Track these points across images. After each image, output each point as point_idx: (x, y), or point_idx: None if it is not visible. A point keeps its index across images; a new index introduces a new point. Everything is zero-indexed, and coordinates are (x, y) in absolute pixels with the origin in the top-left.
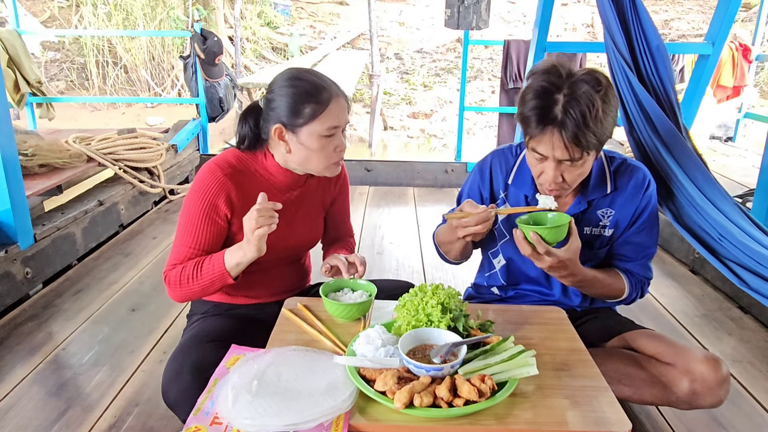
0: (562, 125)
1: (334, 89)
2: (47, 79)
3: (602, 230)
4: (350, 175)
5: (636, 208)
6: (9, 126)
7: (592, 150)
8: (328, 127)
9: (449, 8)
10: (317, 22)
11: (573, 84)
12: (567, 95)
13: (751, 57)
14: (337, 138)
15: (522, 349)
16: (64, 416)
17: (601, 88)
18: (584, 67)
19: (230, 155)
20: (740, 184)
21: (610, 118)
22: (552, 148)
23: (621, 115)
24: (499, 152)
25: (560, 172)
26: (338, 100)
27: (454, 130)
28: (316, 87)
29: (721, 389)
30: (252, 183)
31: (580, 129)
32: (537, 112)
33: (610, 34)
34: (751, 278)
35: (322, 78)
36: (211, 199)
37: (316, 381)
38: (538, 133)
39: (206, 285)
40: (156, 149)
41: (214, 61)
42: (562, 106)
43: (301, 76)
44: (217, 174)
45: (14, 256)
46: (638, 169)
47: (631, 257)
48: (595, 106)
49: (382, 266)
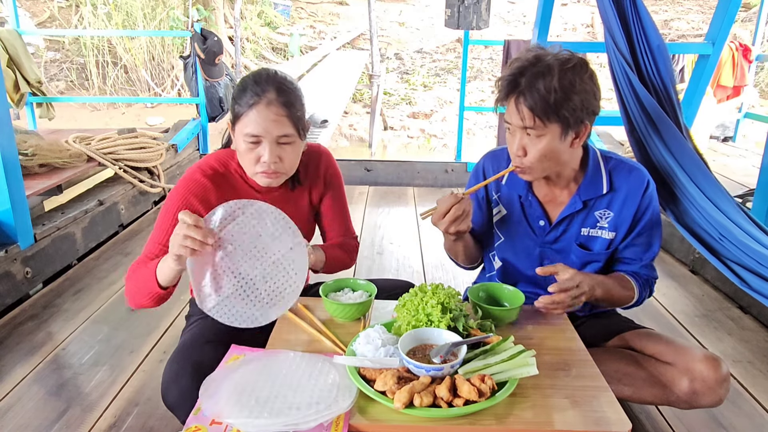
0: (521, 92)
1: (267, 96)
2: (47, 79)
3: (601, 232)
4: (350, 175)
5: (636, 210)
6: (9, 126)
7: (552, 122)
8: (245, 134)
9: (449, 8)
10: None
11: (542, 58)
12: (534, 68)
13: (751, 57)
14: (261, 149)
15: (522, 349)
16: (63, 416)
17: (567, 63)
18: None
19: (213, 157)
20: (740, 184)
21: (576, 95)
22: (512, 114)
23: (621, 114)
24: (491, 154)
25: (523, 145)
26: (264, 110)
27: (454, 130)
28: (245, 88)
29: (721, 389)
30: (232, 184)
31: (532, 93)
32: (505, 82)
33: (611, 34)
34: (751, 278)
35: (263, 82)
36: (186, 200)
37: (316, 381)
38: (504, 99)
39: (139, 285)
40: (156, 149)
41: (214, 61)
42: (526, 77)
43: (251, 74)
44: (196, 175)
45: (14, 256)
46: (637, 171)
47: (635, 259)
48: (552, 74)
49: (382, 266)
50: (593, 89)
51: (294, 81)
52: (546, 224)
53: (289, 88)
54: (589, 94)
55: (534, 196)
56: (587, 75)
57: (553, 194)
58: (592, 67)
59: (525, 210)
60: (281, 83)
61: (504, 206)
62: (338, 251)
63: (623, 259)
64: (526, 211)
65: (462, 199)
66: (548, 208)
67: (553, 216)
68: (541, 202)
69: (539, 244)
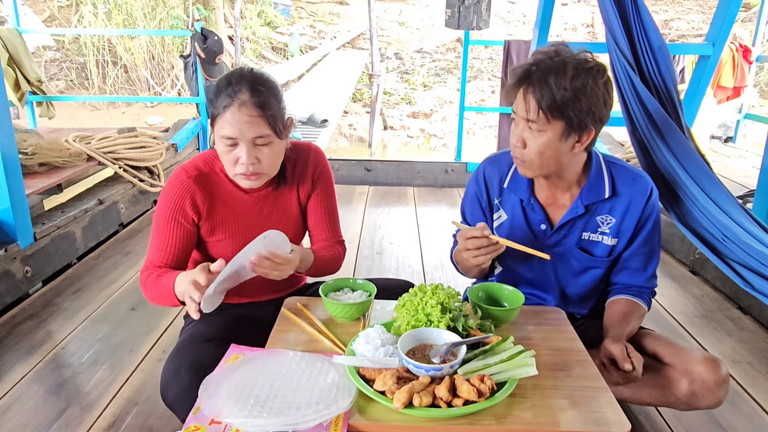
0: (531, 83)
1: (240, 98)
2: (47, 78)
3: (602, 237)
4: (350, 175)
5: (639, 218)
6: (9, 125)
7: (555, 120)
8: (221, 136)
9: (449, 8)
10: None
11: (561, 54)
12: (550, 62)
13: (751, 58)
14: (238, 150)
15: (521, 349)
16: (63, 415)
17: (584, 64)
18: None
19: (200, 158)
20: (740, 185)
21: (585, 98)
22: (519, 104)
23: (623, 115)
24: (491, 159)
25: (523, 137)
26: (237, 112)
27: (454, 130)
28: (219, 90)
29: (721, 390)
30: (217, 184)
31: (542, 86)
32: (519, 70)
33: (612, 34)
34: (754, 279)
35: (235, 82)
36: (176, 203)
37: (316, 381)
38: (512, 90)
39: (159, 297)
40: (156, 148)
41: (215, 60)
42: (540, 69)
43: (225, 75)
44: (182, 177)
45: (14, 255)
46: (641, 178)
47: (640, 269)
48: (566, 72)
49: (382, 266)
50: (605, 97)
51: (269, 78)
52: (548, 228)
53: (263, 87)
54: (599, 100)
55: (536, 199)
56: (602, 81)
57: (555, 197)
58: (610, 75)
59: (527, 214)
60: (254, 83)
61: (505, 211)
62: (325, 255)
63: (629, 268)
64: (528, 214)
65: (488, 239)
66: (550, 212)
67: (554, 219)
68: (543, 205)
69: (540, 248)
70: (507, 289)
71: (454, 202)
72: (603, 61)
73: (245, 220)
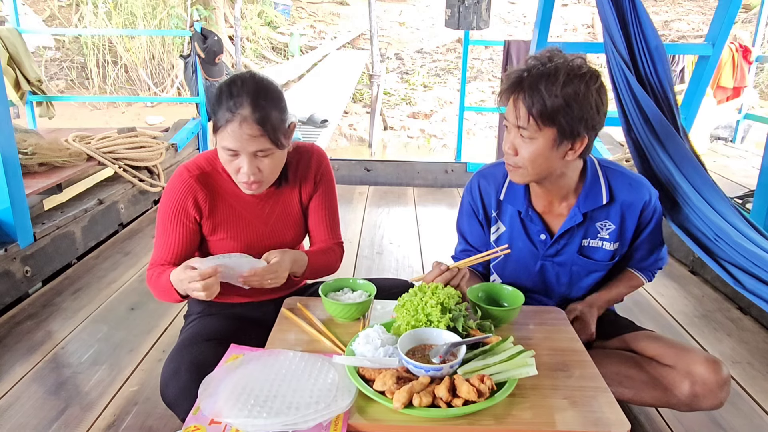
0: (522, 90)
1: (241, 113)
2: (47, 78)
3: (602, 243)
4: (350, 175)
5: (638, 223)
6: (9, 125)
7: (546, 127)
8: (222, 146)
9: (449, 8)
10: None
11: (554, 60)
12: (542, 68)
13: (751, 58)
14: (239, 161)
15: (521, 349)
16: (63, 415)
17: (577, 71)
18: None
19: (202, 157)
20: (740, 185)
21: (576, 105)
22: (510, 110)
23: (619, 115)
24: (484, 172)
25: (515, 144)
26: (238, 129)
27: (454, 131)
28: (220, 100)
29: (722, 392)
30: (219, 184)
31: (532, 93)
32: (511, 77)
33: (609, 35)
34: (746, 279)
35: (236, 94)
36: (178, 202)
37: (316, 381)
38: (504, 97)
39: (162, 292)
40: (156, 148)
41: (215, 60)
42: (532, 75)
43: (226, 82)
44: (184, 176)
45: (14, 255)
46: (639, 183)
47: (643, 259)
48: (557, 79)
49: (382, 266)
50: (598, 104)
51: (271, 86)
52: (547, 238)
53: (264, 100)
54: (591, 108)
55: (534, 210)
56: (595, 87)
57: (552, 206)
58: (605, 81)
59: (525, 225)
60: (256, 96)
61: (503, 223)
62: (321, 257)
63: (633, 258)
64: (527, 226)
65: (449, 271)
66: (548, 221)
67: (553, 228)
68: (541, 214)
69: (540, 257)
70: (507, 289)
71: (454, 202)
72: (601, 62)
73: (247, 219)
